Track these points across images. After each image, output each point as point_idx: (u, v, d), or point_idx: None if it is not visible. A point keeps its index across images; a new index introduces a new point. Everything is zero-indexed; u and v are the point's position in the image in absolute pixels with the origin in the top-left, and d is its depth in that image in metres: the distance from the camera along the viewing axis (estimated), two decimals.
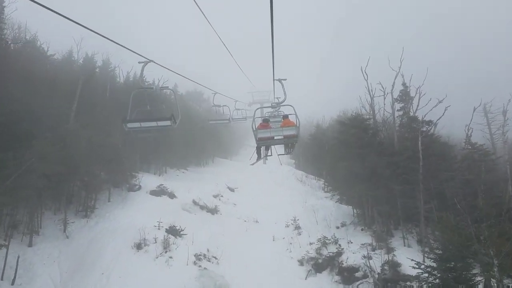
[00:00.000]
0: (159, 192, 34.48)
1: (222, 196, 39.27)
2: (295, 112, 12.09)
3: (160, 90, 12.97)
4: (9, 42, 31.69)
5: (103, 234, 27.12)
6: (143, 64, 12.52)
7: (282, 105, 12.82)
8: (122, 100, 40.89)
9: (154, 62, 12.48)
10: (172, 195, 34.79)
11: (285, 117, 13.89)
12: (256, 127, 12.25)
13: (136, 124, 11.68)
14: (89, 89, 39.12)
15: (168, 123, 11.72)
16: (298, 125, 11.81)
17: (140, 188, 34.68)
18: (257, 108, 15.19)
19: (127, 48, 8.94)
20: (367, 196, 31.28)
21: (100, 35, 7.49)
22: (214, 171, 55.51)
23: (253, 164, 18.38)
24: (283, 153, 16.05)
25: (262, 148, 15.05)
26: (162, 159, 44.61)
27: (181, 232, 28.24)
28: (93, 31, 7.13)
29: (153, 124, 11.72)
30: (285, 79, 12.55)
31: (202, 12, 10.49)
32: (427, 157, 30.97)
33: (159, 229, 27.71)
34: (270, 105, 13.41)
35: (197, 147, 55.55)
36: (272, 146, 14.78)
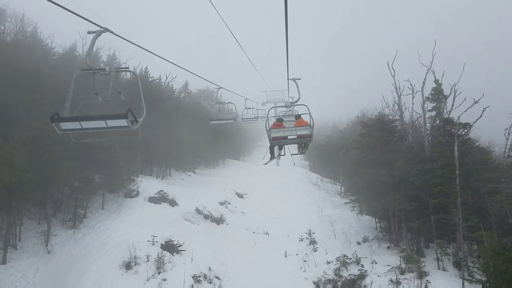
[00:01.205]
0: (159, 199, 30.48)
1: (229, 203, 35.10)
2: (309, 111, 11.44)
3: (116, 74, 8.29)
4: None
5: (89, 250, 23.21)
6: (94, 34, 8.13)
7: (296, 105, 12.22)
8: (124, 97, 37.17)
9: (110, 32, 8.30)
10: (173, 203, 30.77)
11: (299, 116, 13.34)
12: (270, 126, 11.54)
13: (74, 125, 7.34)
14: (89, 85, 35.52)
15: (124, 122, 7.38)
16: (312, 125, 11.14)
17: (138, 194, 30.75)
18: (271, 108, 14.10)
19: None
20: (395, 209, 26.69)
21: (97, 25, 6.72)
22: (223, 174, 51.49)
23: (266, 163, 17.95)
24: (297, 152, 15.50)
25: (276, 148, 14.63)
26: (166, 161, 40.64)
27: (179, 248, 24.18)
28: (90, 21, 6.36)
29: (101, 124, 7.36)
30: (299, 79, 11.85)
31: (221, 16, 10.28)
32: (463, 165, 26.36)
33: (153, 244, 23.69)
34: (284, 104, 12.71)
35: (207, 147, 51.57)
36: (286, 146, 14.13)
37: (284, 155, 15.47)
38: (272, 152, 14.76)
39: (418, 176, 26.36)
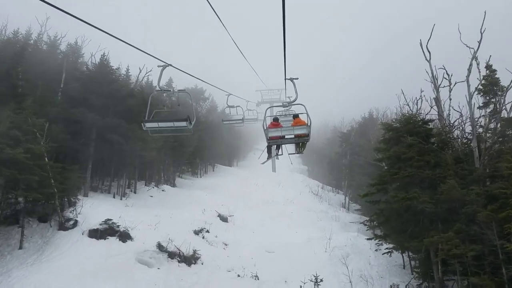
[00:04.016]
0: (104, 232, 20.73)
1: (207, 231, 25.31)
2: (306, 111, 11.12)
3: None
4: None
5: None
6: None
7: (294, 104, 11.61)
8: (76, 95, 27.93)
9: None
10: (125, 236, 21.00)
11: (296, 116, 12.79)
12: (267, 126, 11.24)
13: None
14: (24, 77, 26.09)
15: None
16: (309, 125, 10.69)
17: (76, 224, 21.04)
18: (268, 108, 12.42)
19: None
20: (447, 254, 17.04)
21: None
22: (209, 184, 41.84)
23: (263, 163, 17.38)
24: (294, 152, 14.61)
25: (273, 148, 14.12)
26: (130, 173, 30.78)
27: None
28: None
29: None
30: (296, 78, 11.15)
31: (216, 14, 8.72)
32: None
33: None
34: (281, 104, 11.87)
35: (190, 153, 42.03)
36: (283, 145, 13.90)
37: (282, 154, 15.13)
38: (269, 152, 14.55)
39: (479, 204, 16.80)
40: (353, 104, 79.66)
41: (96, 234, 20.47)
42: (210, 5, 8.38)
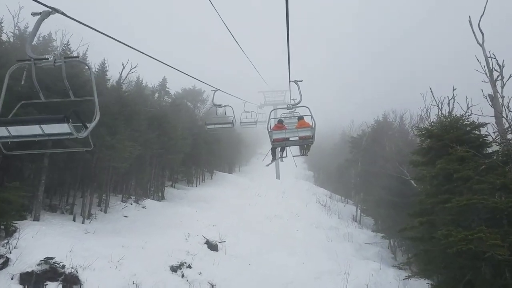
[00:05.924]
0: (42, 276, 14.82)
1: (189, 266, 19.21)
2: (310, 113, 10.92)
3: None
4: None
5: None
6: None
7: (298, 107, 11.36)
8: (26, 92, 22.44)
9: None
10: (71, 281, 15.09)
11: (301, 118, 12.80)
12: (271, 128, 11.13)
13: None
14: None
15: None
16: (314, 127, 10.62)
17: (6, 264, 15.25)
18: (272, 110, 12.80)
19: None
20: None
21: None
22: (204, 196, 35.99)
23: (267, 165, 17.87)
24: (299, 154, 14.88)
25: (277, 150, 14.47)
26: (101, 187, 24.82)
27: None
28: None
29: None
30: (301, 81, 10.99)
31: (219, 15, 9.23)
32: None
33: None
34: (286, 106, 11.86)
35: (180, 160, 36.31)
36: (288, 148, 14.04)
37: (286, 156, 15.12)
38: (273, 154, 14.64)
39: None
40: (364, 105, 73.44)
41: (30, 279, 14.60)
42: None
